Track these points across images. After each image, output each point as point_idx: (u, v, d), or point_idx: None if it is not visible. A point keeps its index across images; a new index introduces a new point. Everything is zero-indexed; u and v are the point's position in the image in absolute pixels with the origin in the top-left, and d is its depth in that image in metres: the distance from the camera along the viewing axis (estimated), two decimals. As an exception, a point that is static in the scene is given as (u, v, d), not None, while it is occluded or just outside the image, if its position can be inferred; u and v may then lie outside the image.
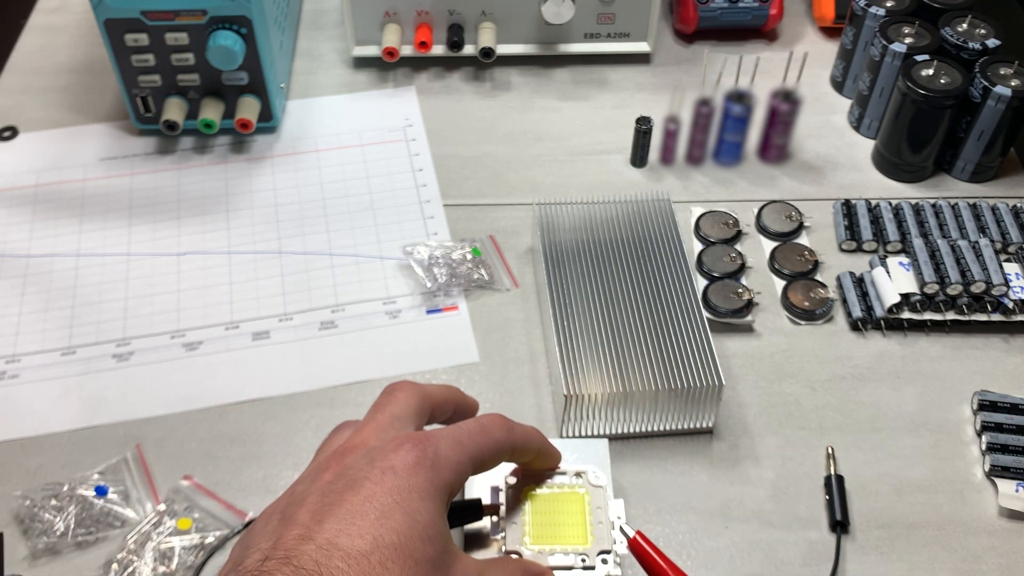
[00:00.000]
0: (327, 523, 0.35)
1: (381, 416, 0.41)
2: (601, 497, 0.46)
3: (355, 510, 0.36)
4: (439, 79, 0.80)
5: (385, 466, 0.37)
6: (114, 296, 0.64)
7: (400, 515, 0.36)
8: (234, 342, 0.61)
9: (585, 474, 0.47)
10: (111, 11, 0.66)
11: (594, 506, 0.46)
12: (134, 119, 0.73)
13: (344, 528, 0.35)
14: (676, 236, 0.62)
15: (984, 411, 0.56)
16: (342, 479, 0.37)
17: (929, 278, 0.61)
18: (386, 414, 0.41)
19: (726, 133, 0.71)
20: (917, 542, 0.52)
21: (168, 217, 0.69)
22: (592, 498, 0.46)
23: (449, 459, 0.39)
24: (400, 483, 0.37)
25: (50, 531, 0.51)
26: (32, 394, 0.58)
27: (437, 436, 0.39)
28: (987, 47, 0.68)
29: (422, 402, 0.43)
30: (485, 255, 0.65)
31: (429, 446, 0.39)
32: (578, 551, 0.45)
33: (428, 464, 0.38)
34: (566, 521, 0.46)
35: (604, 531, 0.45)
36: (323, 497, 0.37)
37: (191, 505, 0.52)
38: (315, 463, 0.40)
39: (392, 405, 0.42)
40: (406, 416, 0.41)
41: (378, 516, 0.36)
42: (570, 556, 0.45)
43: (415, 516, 0.36)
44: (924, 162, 0.70)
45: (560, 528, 0.45)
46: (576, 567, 0.44)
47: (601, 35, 0.79)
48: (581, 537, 0.45)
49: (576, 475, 0.47)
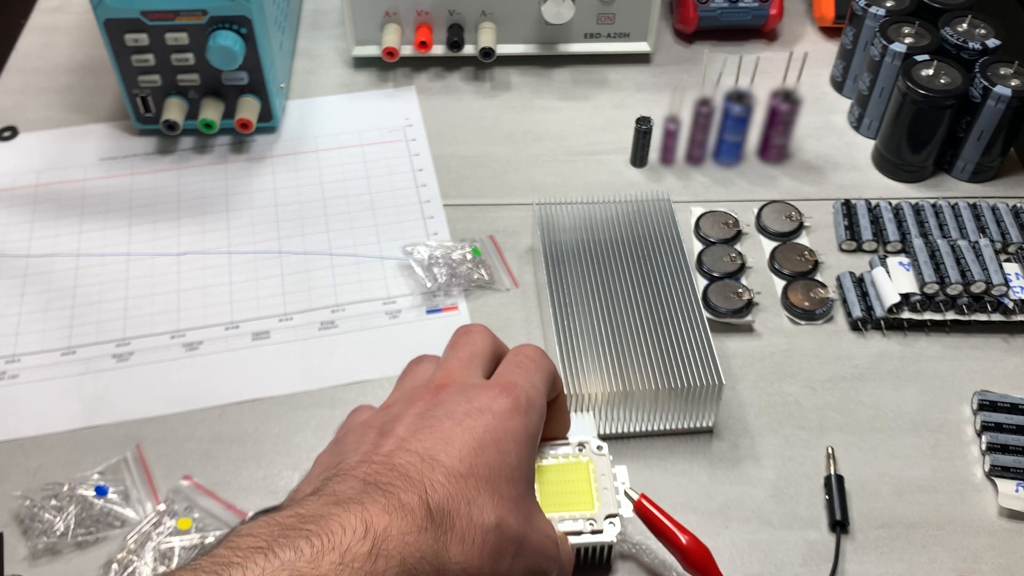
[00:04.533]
0: (427, 441, 0.37)
1: (461, 353, 0.43)
2: (604, 464, 0.48)
3: (453, 437, 0.38)
4: (439, 79, 0.80)
5: (482, 406, 0.39)
6: (114, 296, 0.64)
7: (494, 452, 0.38)
8: (234, 342, 0.61)
9: (587, 443, 0.49)
10: (111, 11, 0.66)
11: (599, 473, 0.48)
12: (134, 119, 0.73)
13: (444, 448, 0.37)
14: (676, 236, 0.62)
15: (984, 411, 0.56)
16: (440, 408, 0.39)
17: (929, 278, 0.61)
18: (465, 352, 0.43)
19: (726, 133, 0.71)
20: (917, 542, 0.52)
21: (168, 217, 0.69)
22: (596, 465, 0.48)
23: (535, 406, 0.41)
24: (497, 423, 0.39)
25: (50, 531, 0.51)
26: (32, 394, 0.58)
27: (520, 383, 0.41)
28: (987, 47, 0.68)
29: (495, 345, 0.45)
30: (485, 255, 0.65)
31: (521, 393, 0.41)
32: (586, 516, 0.47)
33: (522, 411, 0.40)
34: (573, 489, 0.47)
35: (609, 496, 0.47)
36: (422, 420, 0.39)
37: (191, 505, 0.52)
38: (403, 392, 0.43)
39: (470, 345, 0.44)
40: (483, 355, 0.44)
41: (474, 447, 0.38)
42: (579, 522, 0.46)
43: (506, 457, 0.38)
44: (924, 162, 0.70)
45: (568, 496, 0.47)
46: (585, 531, 0.46)
47: (601, 35, 0.79)
48: (588, 503, 0.47)
49: (579, 446, 0.49)
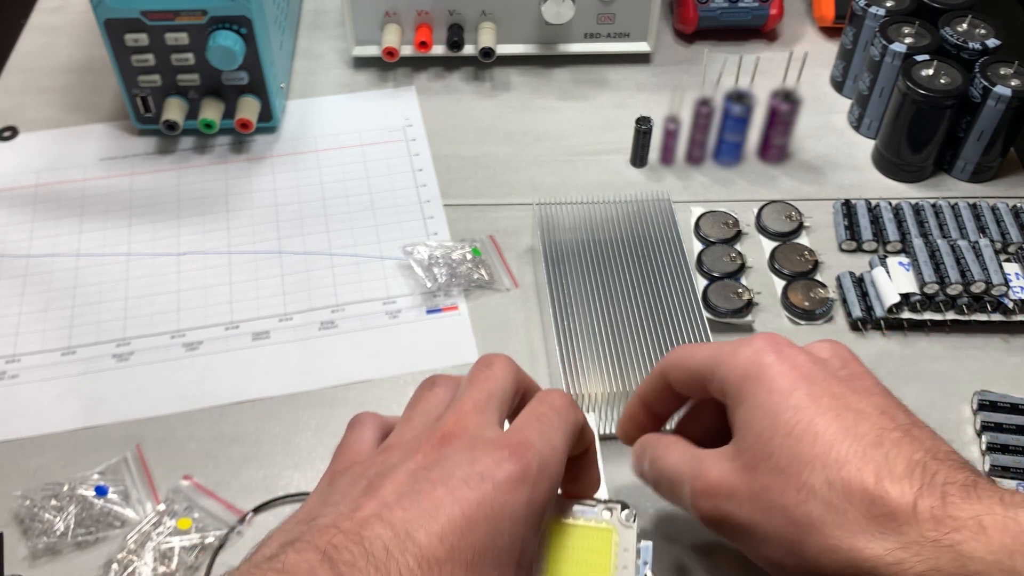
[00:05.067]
0: (410, 509, 0.34)
1: (478, 393, 0.39)
2: (630, 538, 0.41)
3: (442, 508, 0.34)
4: (439, 79, 0.80)
5: (484, 471, 0.35)
6: (114, 296, 0.64)
7: (484, 531, 0.34)
8: (234, 342, 0.61)
9: (615, 510, 0.42)
10: (111, 11, 0.66)
11: (621, 547, 0.41)
12: (134, 119, 0.73)
13: (426, 523, 0.33)
14: (676, 236, 0.62)
15: (984, 411, 0.56)
16: (437, 468, 0.35)
17: (929, 278, 0.61)
18: (483, 391, 0.39)
19: (726, 133, 0.71)
20: (917, 542, 0.52)
21: (168, 217, 0.69)
22: (620, 538, 0.41)
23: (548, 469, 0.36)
24: (495, 496, 0.34)
25: (50, 531, 0.51)
26: (32, 394, 0.58)
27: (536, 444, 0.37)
28: (987, 47, 0.68)
29: (517, 383, 0.40)
30: (485, 255, 0.65)
31: (533, 458, 0.36)
32: None
33: (530, 481, 0.36)
34: (589, 560, 0.41)
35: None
36: (414, 481, 0.35)
37: (191, 505, 0.52)
38: (411, 429, 0.38)
39: (490, 382, 0.39)
40: (503, 395, 0.39)
41: (462, 524, 0.33)
42: None
43: (497, 538, 0.34)
44: (924, 162, 0.70)
45: (581, 566, 0.41)
46: None
47: (601, 35, 0.79)
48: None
49: (606, 509, 0.42)
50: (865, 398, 0.39)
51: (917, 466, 0.36)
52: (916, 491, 0.35)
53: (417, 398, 0.41)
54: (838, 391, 0.39)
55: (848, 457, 0.37)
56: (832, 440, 0.37)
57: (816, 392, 0.39)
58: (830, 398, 0.39)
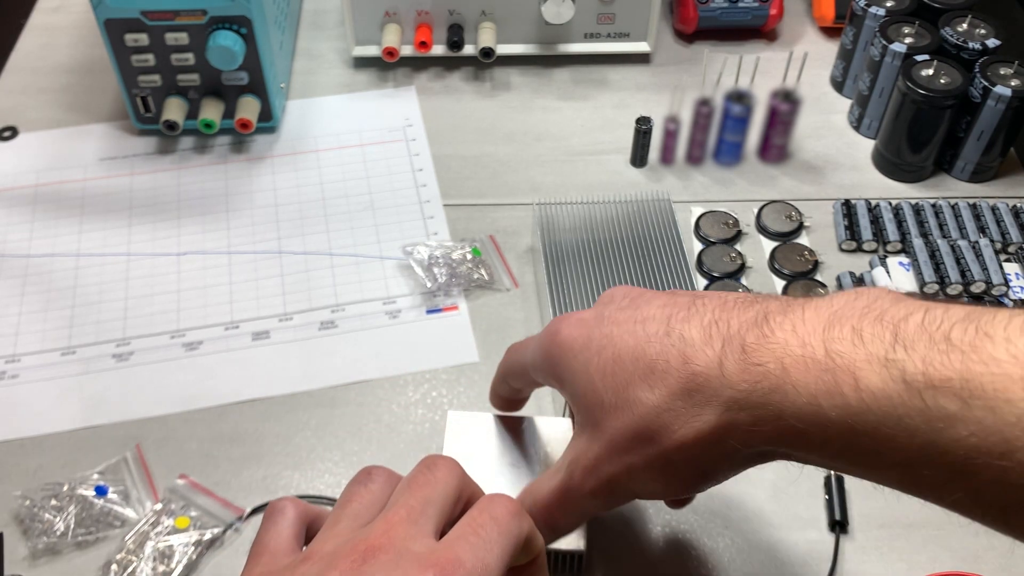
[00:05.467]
0: None
1: (414, 500, 0.36)
2: None
3: None
4: (439, 79, 0.80)
5: None
6: (114, 296, 0.64)
7: None
8: (234, 342, 0.61)
9: None
10: (111, 11, 0.66)
11: None
12: (134, 119, 0.73)
13: None
14: (676, 236, 0.62)
15: (984, 411, 0.56)
16: None
17: (929, 278, 0.61)
18: (420, 497, 0.36)
19: (726, 133, 0.71)
20: (917, 542, 0.52)
21: (168, 217, 0.69)
22: None
23: None
24: None
25: (50, 531, 0.51)
26: (32, 394, 0.58)
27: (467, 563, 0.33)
28: (987, 47, 0.68)
29: (460, 489, 0.37)
30: (485, 255, 0.65)
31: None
32: None
33: None
34: None
35: None
36: None
37: (188, 503, 0.52)
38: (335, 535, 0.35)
39: (428, 487, 0.36)
40: (442, 502, 0.36)
41: None
42: None
43: None
44: (924, 162, 0.70)
45: None
46: None
47: (601, 35, 0.79)
48: None
49: None
50: (647, 307, 0.40)
51: (710, 326, 0.36)
52: (719, 351, 0.35)
53: (349, 495, 0.37)
54: (624, 316, 0.40)
55: (653, 357, 0.37)
56: (634, 355, 0.38)
57: (607, 330, 0.40)
58: (617, 325, 0.39)
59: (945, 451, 0.30)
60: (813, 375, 0.32)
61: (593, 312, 0.42)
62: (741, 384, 0.34)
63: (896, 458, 0.31)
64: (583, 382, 0.40)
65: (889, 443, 0.31)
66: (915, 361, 0.30)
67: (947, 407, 0.29)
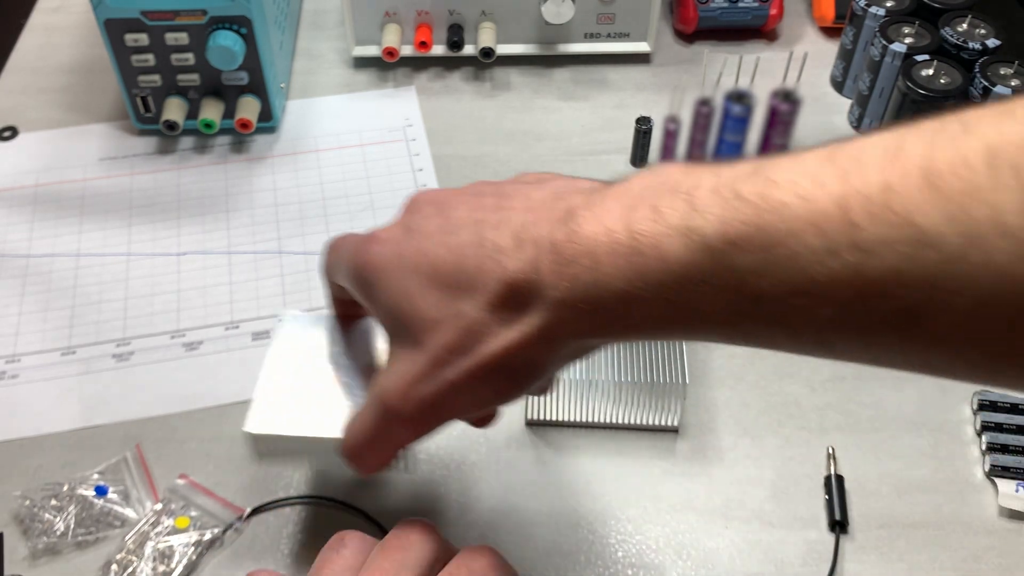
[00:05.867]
0: None
1: (388, 563, 0.36)
2: None
3: None
4: (439, 79, 0.80)
5: None
6: (114, 296, 0.64)
7: None
8: (234, 342, 0.61)
9: None
10: (111, 11, 0.66)
11: None
12: (134, 119, 0.73)
13: None
14: (676, 236, 0.62)
15: (984, 411, 0.56)
16: None
17: (929, 278, 0.61)
18: (394, 561, 0.36)
19: (726, 133, 0.71)
20: (917, 542, 0.52)
21: (168, 217, 0.69)
22: None
23: None
24: None
25: (50, 531, 0.51)
26: (32, 394, 0.58)
27: None
28: (987, 47, 0.68)
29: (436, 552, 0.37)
30: (485, 255, 0.65)
31: None
32: None
33: None
34: None
35: None
36: None
37: (188, 503, 0.52)
38: None
39: (402, 552, 0.36)
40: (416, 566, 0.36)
41: None
42: None
43: None
44: (924, 162, 0.70)
45: None
46: None
47: (601, 35, 0.79)
48: None
49: None
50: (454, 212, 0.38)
51: (520, 231, 0.35)
52: (533, 256, 0.34)
53: (322, 561, 0.37)
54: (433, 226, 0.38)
55: (470, 269, 0.36)
56: (451, 267, 0.36)
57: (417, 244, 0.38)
58: (428, 237, 0.38)
59: (759, 302, 0.30)
60: (623, 260, 0.32)
61: (399, 226, 0.39)
62: (560, 284, 0.33)
63: (718, 319, 0.31)
64: (400, 301, 0.37)
65: (708, 307, 0.31)
66: (713, 224, 0.30)
67: (751, 262, 0.29)
